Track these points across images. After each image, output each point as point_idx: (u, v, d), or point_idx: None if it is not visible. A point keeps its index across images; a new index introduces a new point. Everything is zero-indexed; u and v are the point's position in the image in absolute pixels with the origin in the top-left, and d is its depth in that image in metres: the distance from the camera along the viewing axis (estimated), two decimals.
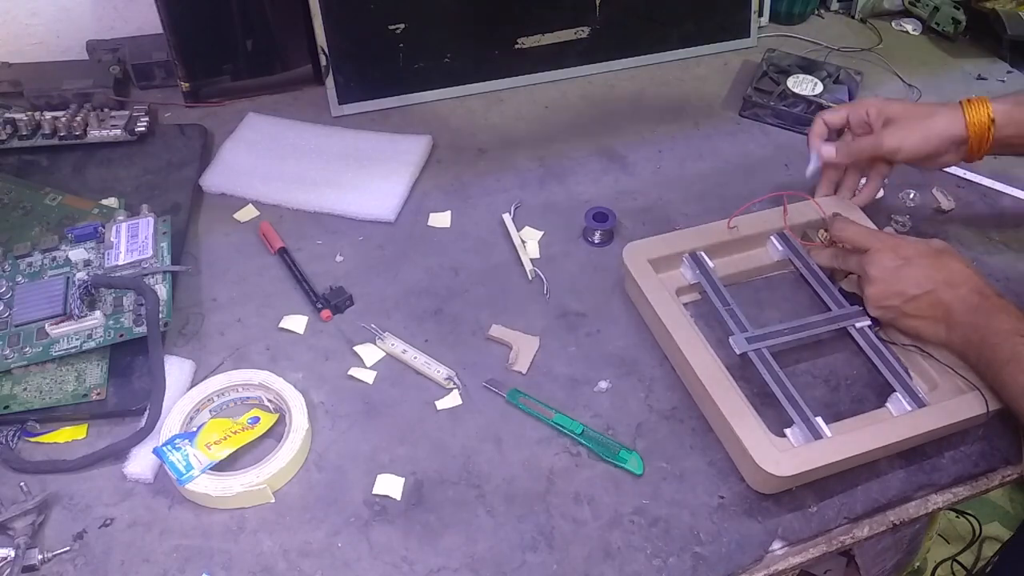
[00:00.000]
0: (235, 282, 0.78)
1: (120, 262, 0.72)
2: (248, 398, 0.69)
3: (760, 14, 1.12)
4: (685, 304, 0.75)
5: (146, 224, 0.75)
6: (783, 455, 0.60)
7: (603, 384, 0.71)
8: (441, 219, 0.85)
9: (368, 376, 0.70)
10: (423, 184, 0.89)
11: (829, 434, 0.63)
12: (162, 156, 0.87)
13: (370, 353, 0.72)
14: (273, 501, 0.62)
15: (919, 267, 0.68)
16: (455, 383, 0.70)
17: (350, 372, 0.71)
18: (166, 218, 0.76)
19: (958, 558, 1.25)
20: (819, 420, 0.64)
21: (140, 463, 0.63)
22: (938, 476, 0.66)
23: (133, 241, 0.73)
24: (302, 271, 0.78)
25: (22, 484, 0.61)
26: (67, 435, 0.66)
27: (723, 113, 1.00)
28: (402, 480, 0.64)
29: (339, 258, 0.80)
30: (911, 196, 0.89)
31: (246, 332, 0.74)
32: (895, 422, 0.64)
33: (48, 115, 0.87)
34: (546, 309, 0.77)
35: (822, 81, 1.00)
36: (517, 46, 1.00)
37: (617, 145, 0.95)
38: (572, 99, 1.01)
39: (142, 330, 0.67)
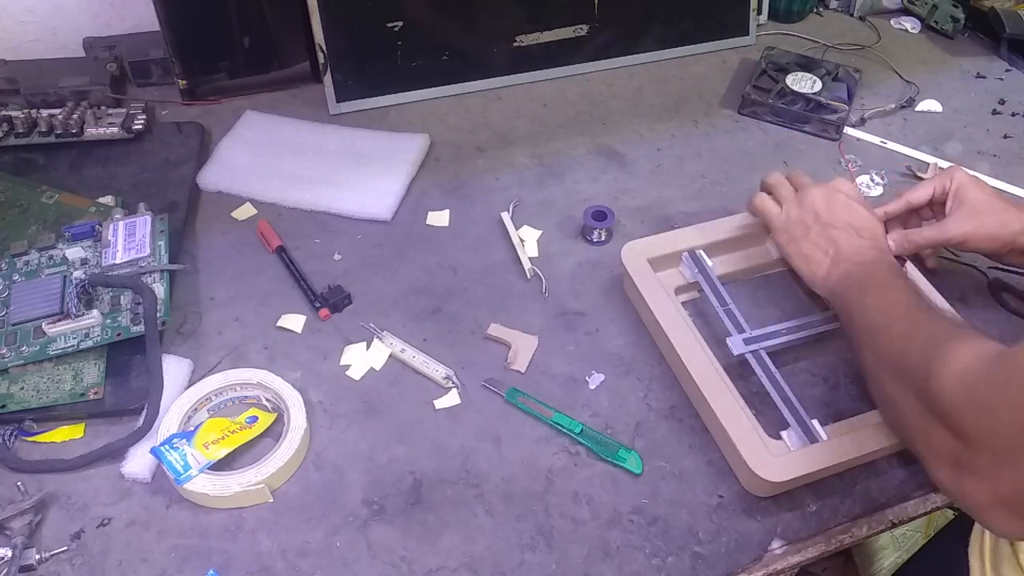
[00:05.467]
0: (233, 281, 0.78)
1: (117, 260, 0.72)
2: (246, 397, 0.68)
3: (759, 12, 1.12)
4: (684, 302, 0.75)
5: (143, 222, 0.75)
6: (777, 460, 0.60)
7: (597, 376, 0.71)
8: (439, 218, 0.85)
9: (359, 372, 0.71)
10: (421, 183, 0.89)
11: (825, 437, 0.63)
12: (159, 154, 0.87)
13: (361, 352, 0.72)
14: (271, 501, 0.62)
15: (841, 204, 0.71)
16: (454, 382, 0.70)
17: (343, 361, 0.71)
18: (163, 216, 0.76)
19: None
20: (815, 423, 0.64)
21: (138, 462, 0.63)
22: None
23: (130, 239, 0.73)
24: (300, 270, 0.78)
25: (19, 484, 0.61)
26: (64, 434, 0.65)
27: (722, 111, 1.00)
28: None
29: (337, 257, 0.80)
30: None
31: (244, 331, 0.73)
32: None
33: (45, 113, 0.86)
34: (545, 308, 0.77)
35: (821, 79, 1.00)
36: (516, 44, 1.00)
37: (616, 143, 0.94)
38: (571, 97, 1.01)
39: (140, 329, 0.67)
